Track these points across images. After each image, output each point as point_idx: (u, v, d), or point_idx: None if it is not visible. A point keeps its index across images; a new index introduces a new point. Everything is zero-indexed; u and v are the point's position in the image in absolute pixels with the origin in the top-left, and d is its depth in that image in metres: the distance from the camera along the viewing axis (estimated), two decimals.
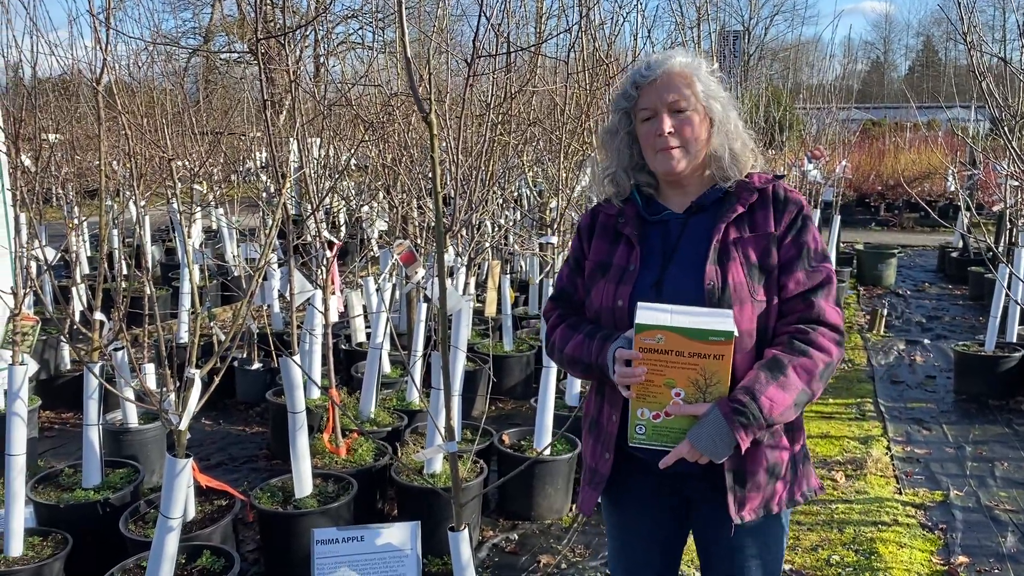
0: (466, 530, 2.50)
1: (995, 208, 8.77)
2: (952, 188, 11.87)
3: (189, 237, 5.39)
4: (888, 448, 5.17)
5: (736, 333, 1.77)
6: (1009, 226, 8.21)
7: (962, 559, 3.78)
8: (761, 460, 1.94)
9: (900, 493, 4.51)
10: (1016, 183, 7.30)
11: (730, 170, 2.01)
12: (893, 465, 4.89)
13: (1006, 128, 4.35)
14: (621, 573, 2.24)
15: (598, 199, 2.25)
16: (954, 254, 11.22)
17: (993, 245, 4.39)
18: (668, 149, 1.98)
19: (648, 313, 1.83)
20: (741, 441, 1.81)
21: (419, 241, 4.82)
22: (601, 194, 2.20)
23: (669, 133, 1.97)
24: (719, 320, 1.80)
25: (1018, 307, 6.35)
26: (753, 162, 2.06)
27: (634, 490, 2.12)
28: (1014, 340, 6.35)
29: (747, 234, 1.96)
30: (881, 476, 4.73)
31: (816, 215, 8.58)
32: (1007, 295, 6.17)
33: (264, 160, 11.27)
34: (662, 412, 1.84)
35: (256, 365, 5.92)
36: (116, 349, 4.09)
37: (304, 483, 3.67)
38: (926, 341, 7.79)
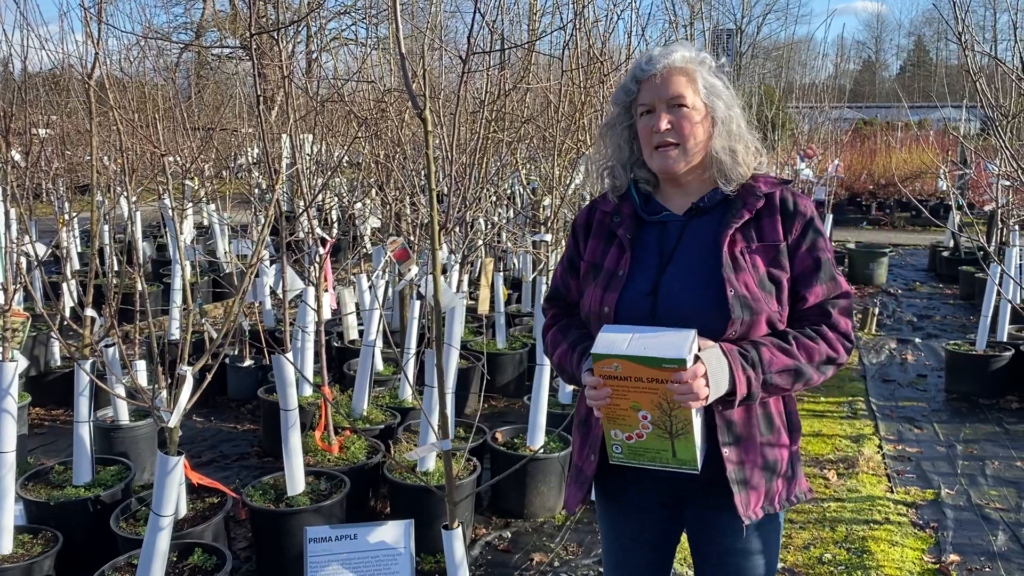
0: (460, 528, 2.49)
1: (986, 208, 8.81)
2: (943, 187, 11.91)
3: (181, 233, 5.37)
4: (880, 447, 5.18)
5: (688, 360, 1.72)
6: (1000, 225, 8.25)
7: (953, 557, 3.79)
8: (759, 457, 1.91)
9: (892, 492, 4.52)
10: (1008, 183, 7.33)
11: (731, 172, 1.94)
12: (885, 464, 4.90)
13: (998, 128, 4.36)
14: (612, 571, 2.21)
15: (593, 194, 2.22)
16: (945, 253, 11.26)
17: (985, 244, 4.40)
18: (664, 146, 1.92)
19: (607, 339, 1.81)
20: (739, 381, 1.77)
21: (412, 238, 4.81)
22: (598, 188, 2.14)
23: (666, 129, 1.91)
24: (677, 343, 1.76)
25: (1009, 306, 6.38)
26: (756, 164, 1.99)
27: (626, 490, 2.09)
28: (1004, 339, 6.37)
29: (755, 243, 1.90)
30: (873, 475, 4.74)
31: None
32: (998, 294, 6.20)
33: (256, 156, 11.24)
34: (634, 434, 1.83)
35: (248, 362, 5.89)
36: (107, 346, 4.07)
37: (296, 481, 3.65)
38: (917, 340, 7.81)
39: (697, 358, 1.74)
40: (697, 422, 1.80)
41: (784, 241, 1.91)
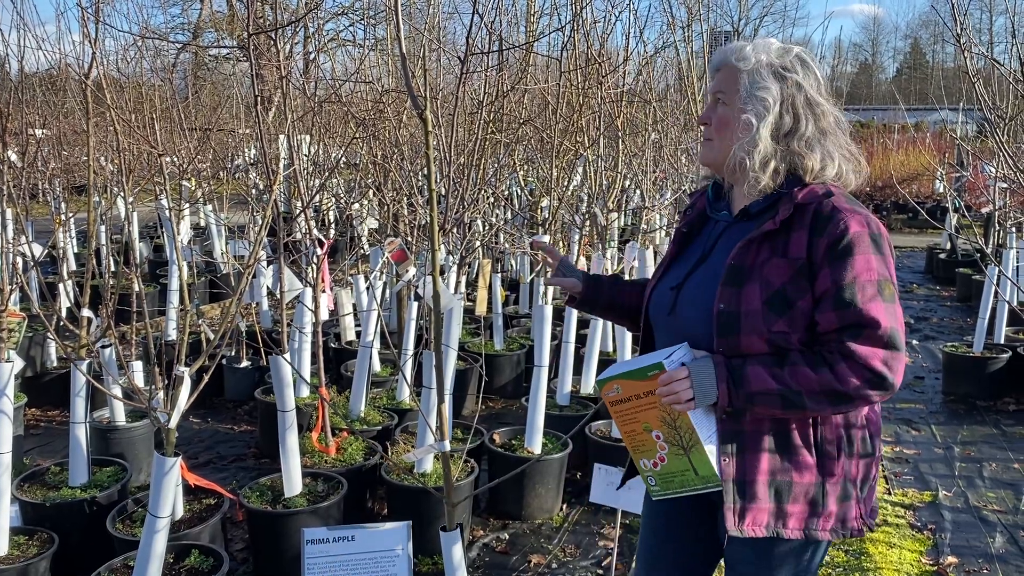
0: (457, 530, 2.48)
1: (984, 210, 8.81)
2: (940, 189, 11.92)
3: (178, 234, 5.35)
4: None
5: (667, 364, 1.74)
6: (997, 228, 8.26)
7: (951, 559, 3.79)
8: (761, 474, 1.81)
9: (890, 493, 4.52)
10: (1005, 185, 7.34)
11: (742, 179, 1.89)
12: (883, 465, 4.90)
13: (996, 130, 4.37)
14: (640, 566, 2.23)
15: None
16: (942, 255, 11.26)
17: (983, 246, 4.42)
18: (703, 138, 1.97)
19: (609, 369, 1.90)
20: (720, 392, 1.74)
21: (410, 239, 4.80)
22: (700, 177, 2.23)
23: (704, 123, 1.95)
24: (660, 353, 1.82)
25: (1006, 308, 6.38)
26: (819, 174, 1.84)
27: None
28: (1002, 341, 6.38)
29: (776, 257, 1.77)
30: None
31: None
32: (995, 296, 6.20)
33: (253, 156, 11.22)
34: (657, 459, 1.88)
35: (244, 363, 5.88)
36: (104, 346, 4.05)
37: (293, 482, 3.64)
38: (915, 342, 7.82)
39: (683, 365, 1.76)
40: (703, 433, 1.79)
41: (805, 259, 1.75)
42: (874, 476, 1.91)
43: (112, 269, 5.22)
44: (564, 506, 4.31)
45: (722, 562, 2.10)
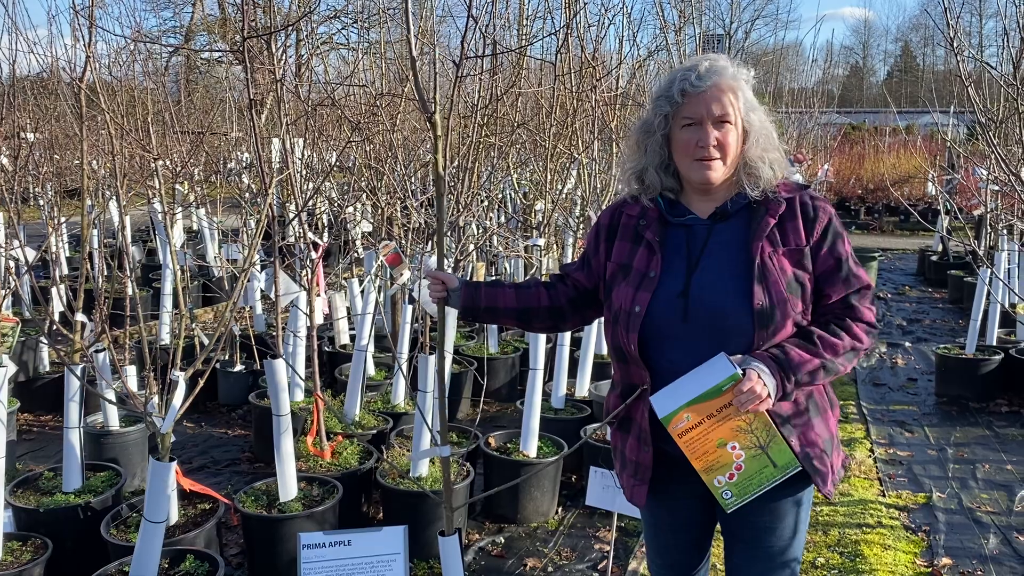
0: (456, 535, 2.48)
1: (975, 212, 8.85)
2: (932, 192, 11.96)
3: (171, 238, 5.33)
4: (871, 450, 5.19)
5: (741, 372, 1.87)
6: (989, 230, 8.29)
7: (945, 561, 3.81)
8: (817, 435, 2.05)
9: (884, 495, 4.53)
10: (996, 187, 7.37)
11: (764, 179, 2.05)
12: (876, 467, 4.92)
13: (989, 133, 4.39)
14: (655, 555, 2.40)
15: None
16: (934, 257, 11.30)
17: (976, 248, 4.44)
18: (708, 160, 2.02)
19: (660, 402, 1.94)
20: (778, 383, 1.91)
21: (404, 242, 4.79)
22: (626, 189, 2.24)
23: (713, 145, 2.00)
24: (719, 366, 1.90)
25: (998, 310, 6.41)
26: (785, 173, 2.11)
27: (664, 480, 2.19)
28: (994, 343, 6.40)
29: (780, 248, 2.02)
30: (865, 478, 4.75)
31: None
32: (987, 298, 6.23)
33: (247, 160, 11.18)
34: (733, 470, 1.94)
35: (238, 367, 5.86)
36: (97, 351, 4.04)
37: (289, 486, 3.63)
38: (907, 344, 7.84)
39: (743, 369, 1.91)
40: (773, 424, 1.95)
41: (807, 244, 2.02)
42: None
43: (105, 273, 5.20)
44: (560, 509, 4.31)
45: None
